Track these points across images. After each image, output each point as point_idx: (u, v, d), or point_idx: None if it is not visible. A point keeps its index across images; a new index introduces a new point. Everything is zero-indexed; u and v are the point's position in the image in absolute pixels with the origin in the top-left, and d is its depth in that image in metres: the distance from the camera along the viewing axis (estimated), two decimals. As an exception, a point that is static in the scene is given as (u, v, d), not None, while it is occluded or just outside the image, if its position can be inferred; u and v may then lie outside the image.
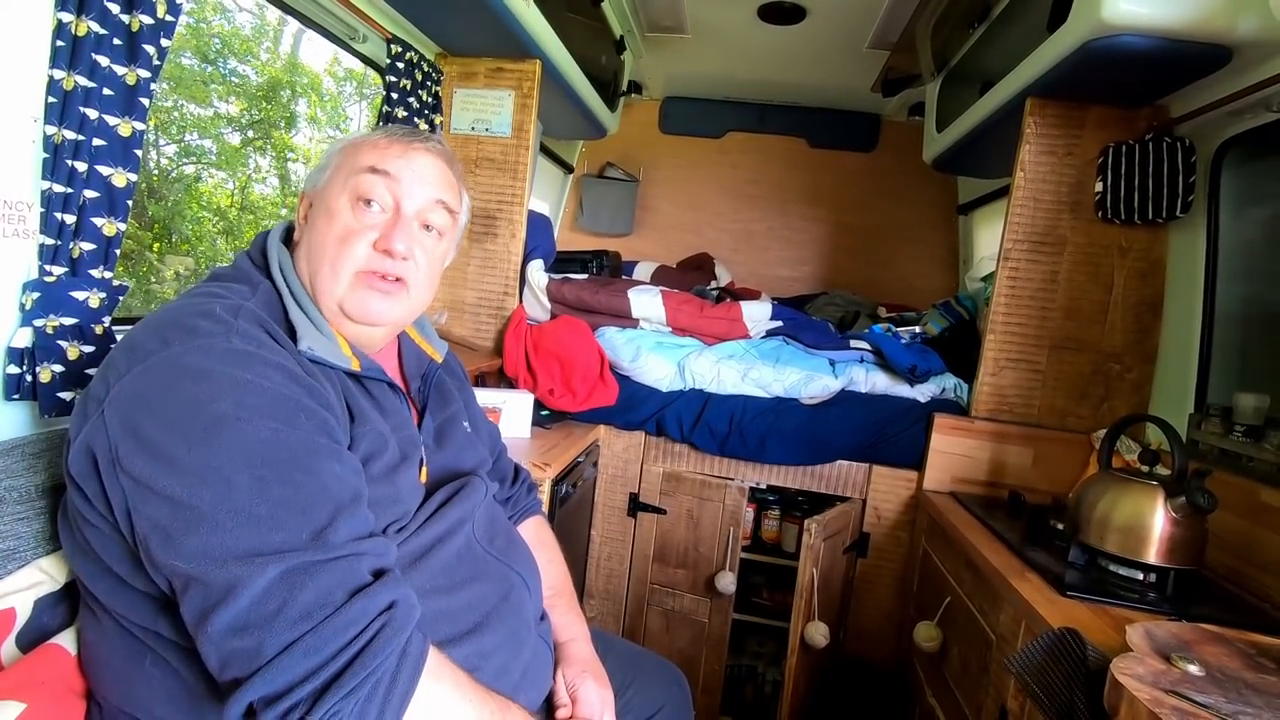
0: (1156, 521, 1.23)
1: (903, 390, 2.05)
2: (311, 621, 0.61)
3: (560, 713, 0.95)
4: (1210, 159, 1.68)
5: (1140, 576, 1.27)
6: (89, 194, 0.98)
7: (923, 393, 2.05)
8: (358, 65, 2.00)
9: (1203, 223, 1.70)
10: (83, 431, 0.68)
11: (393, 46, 1.81)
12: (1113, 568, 1.30)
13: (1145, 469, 1.38)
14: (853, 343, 2.19)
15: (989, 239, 2.89)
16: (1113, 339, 1.88)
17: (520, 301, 2.20)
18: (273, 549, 0.62)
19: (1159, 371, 1.86)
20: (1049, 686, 1.02)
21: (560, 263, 2.56)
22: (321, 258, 0.84)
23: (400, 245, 0.85)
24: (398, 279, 0.87)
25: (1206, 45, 1.43)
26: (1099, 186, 1.81)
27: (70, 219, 0.97)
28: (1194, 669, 0.86)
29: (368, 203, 0.85)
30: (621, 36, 2.60)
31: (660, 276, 2.82)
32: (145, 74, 1.02)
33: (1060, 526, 1.50)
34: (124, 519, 0.66)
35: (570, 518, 1.90)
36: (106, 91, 0.98)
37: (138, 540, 0.65)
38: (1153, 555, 1.24)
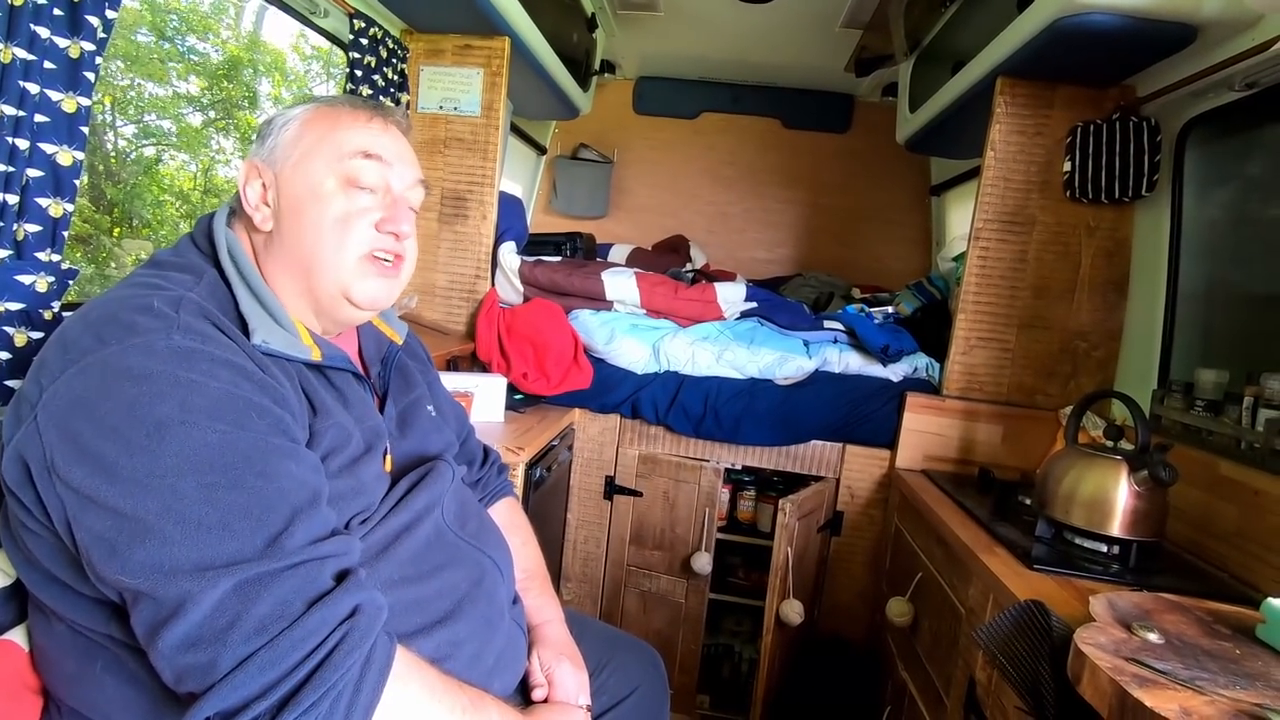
0: (1120, 495, 1.26)
1: (875, 370, 2.07)
2: (267, 635, 0.59)
3: (536, 693, 0.95)
4: (1175, 138, 1.70)
5: (1104, 549, 1.30)
6: (32, 173, 0.94)
7: (895, 372, 2.06)
8: (325, 43, 1.94)
9: (1167, 202, 1.73)
10: (15, 438, 0.64)
11: (355, 21, 1.76)
12: (1078, 541, 1.33)
13: (1110, 444, 1.41)
14: (826, 323, 2.20)
15: (961, 219, 2.91)
16: (1080, 317, 1.91)
17: (493, 284, 2.17)
18: (224, 560, 0.60)
19: (1124, 349, 1.89)
20: (1015, 657, 1.04)
21: (533, 245, 2.53)
22: (320, 241, 0.82)
23: (406, 226, 0.86)
24: (397, 257, 0.87)
25: (1172, 24, 1.45)
26: (1067, 166, 1.83)
27: (13, 199, 0.92)
28: (1154, 637, 0.88)
29: (360, 186, 0.84)
30: (593, 14, 2.56)
31: (635, 259, 2.80)
32: (89, 47, 0.98)
33: (1028, 501, 1.53)
34: (64, 530, 0.62)
35: (545, 501, 1.89)
36: (48, 65, 0.93)
37: (80, 552, 0.62)
38: (1116, 528, 1.26)
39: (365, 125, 0.85)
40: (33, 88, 0.92)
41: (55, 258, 0.99)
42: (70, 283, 1.02)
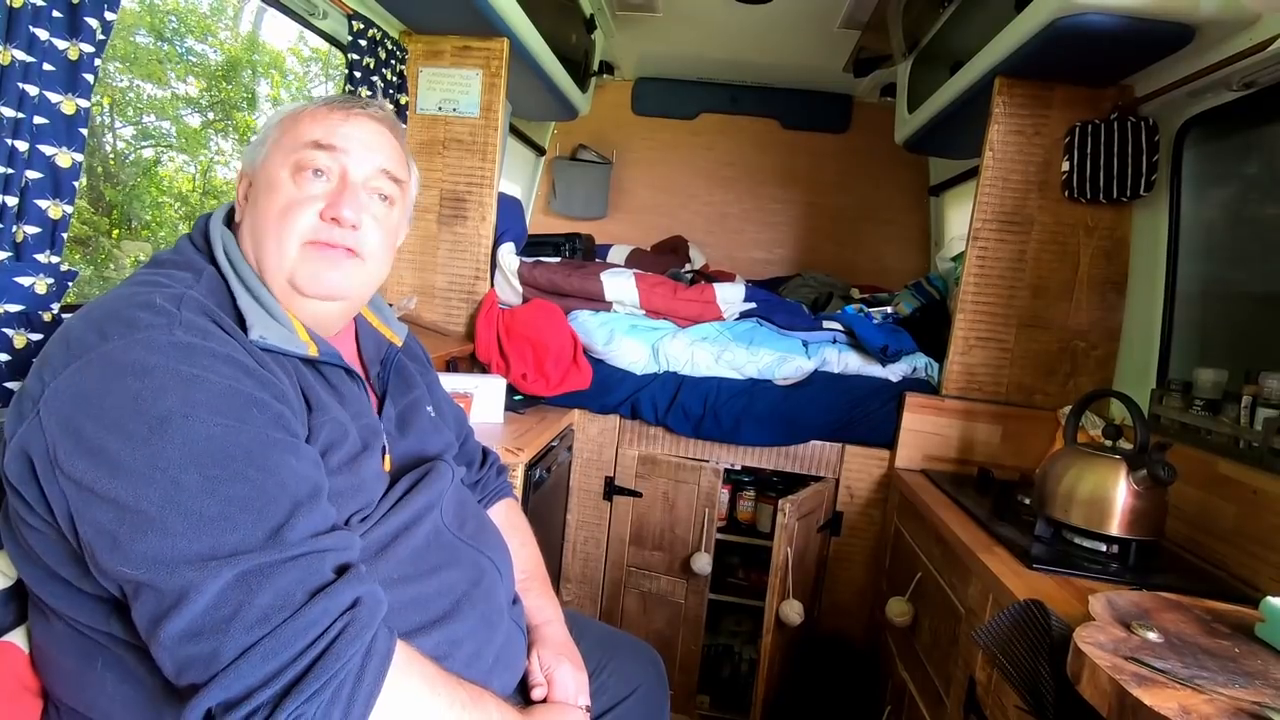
0: (1119, 494, 1.26)
1: (875, 370, 2.07)
2: (269, 625, 0.59)
3: (535, 693, 0.95)
4: (1173, 138, 1.71)
5: (1103, 548, 1.30)
6: (31, 175, 0.94)
7: (894, 372, 2.07)
8: (325, 45, 1.95)
9: (1165, 202, 1.73)
10: (17, 433, 0.65)
11: (354, 23, 1.76)
12: (1077, 540, 1.33)
13: (1109, 443, 1.41)
14: (825, 323, 2.20)
15: (959, 219, 2.92)
16: (1078, 317, 1.91)
17: (492, 285, 2.17)
18: (226, 551, 0.60)
19: (1123, 348, 1.89)
20: (1014, 657, 1.04)
21: (532, 246, 2.53)
22: (265, 232, 0.81)
23: (348, 212, 0.82)
24: (349, 249, 0.84)
25: (1169, 24, 1.45)
26: (1065, 166, 1.83)
27: (12, 201, 0.92)
28: (1153, 636, 0.88)
29: (315, 172, 0.83)
30: (592, 15, 2.56)
31: (634, 260, 2.80)
32: (89, 48, 0.98)
33: (1027, 501, 1.53)
34: (67, 524, 0.63)
35: (545, 502, 1.89)
36: (47, 66, 0.94)
37: (82, 546, 0.62)
38: (1115, 527, 1.27)
39: (324, 118, 0.85)
40: (32, 89, 0.92)
41: (54, 259, 0.99)
42: (69, 284, 1.02)
